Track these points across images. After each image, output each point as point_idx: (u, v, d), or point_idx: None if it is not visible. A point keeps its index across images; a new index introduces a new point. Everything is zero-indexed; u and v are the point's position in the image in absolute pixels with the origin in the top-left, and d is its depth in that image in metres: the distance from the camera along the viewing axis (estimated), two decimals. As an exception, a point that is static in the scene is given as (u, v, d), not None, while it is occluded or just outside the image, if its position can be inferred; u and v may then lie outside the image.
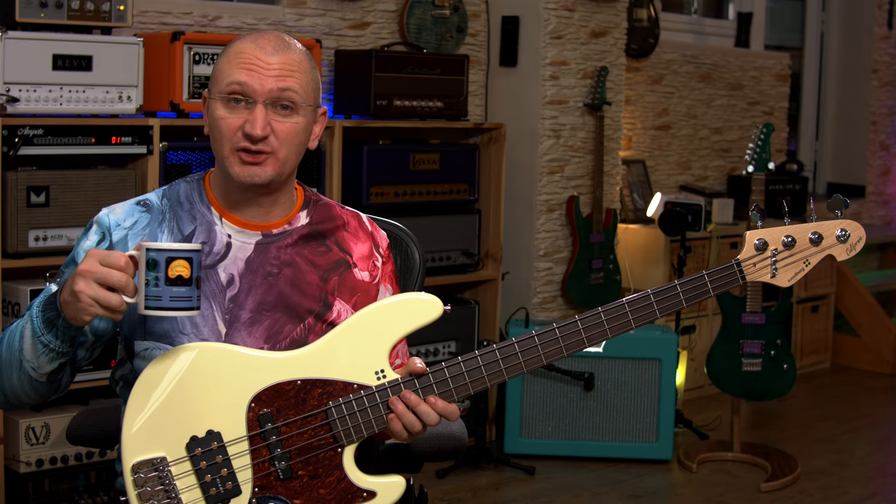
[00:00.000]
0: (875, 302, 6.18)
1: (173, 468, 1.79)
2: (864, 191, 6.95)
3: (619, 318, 1.89)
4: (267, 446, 1.82)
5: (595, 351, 4.37)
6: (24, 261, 3.22)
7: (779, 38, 6.85)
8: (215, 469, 1.80)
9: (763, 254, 1.94)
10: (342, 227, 2.03)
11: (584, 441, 4.40)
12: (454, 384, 1.85)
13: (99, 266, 1.69)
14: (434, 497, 3.95)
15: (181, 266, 1.68)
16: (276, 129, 1.89)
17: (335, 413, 1.82)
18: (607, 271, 4.86)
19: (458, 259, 4.36)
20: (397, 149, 4.16)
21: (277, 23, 4.15)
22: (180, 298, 1.69)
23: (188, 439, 1.80)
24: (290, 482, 1.82)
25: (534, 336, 1.88)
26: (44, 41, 3.23)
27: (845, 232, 1.97)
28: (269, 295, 1.93)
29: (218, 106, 1.90)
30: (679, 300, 1.91)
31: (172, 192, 1.99)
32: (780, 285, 1.95)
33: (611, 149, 4.95)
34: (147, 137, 3.42)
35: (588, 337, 1.89)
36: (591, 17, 4.84)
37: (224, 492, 1.80)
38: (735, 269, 1.93)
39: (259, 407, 1.82)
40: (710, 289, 1.92)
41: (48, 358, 1.82)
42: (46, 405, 3.30)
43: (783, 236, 1.96)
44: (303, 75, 1.92)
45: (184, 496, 1.79)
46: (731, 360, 4.34)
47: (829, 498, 4.14)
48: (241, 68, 1.88)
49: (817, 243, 1.96)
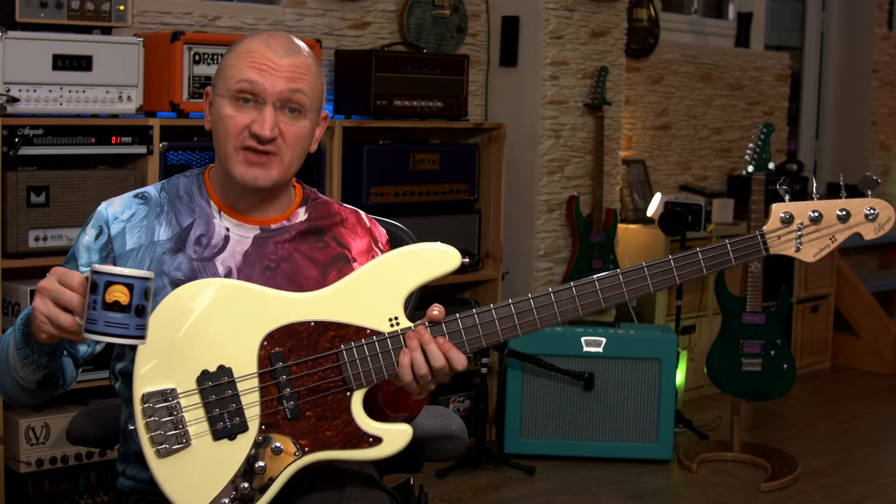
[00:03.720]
0: (875, 302, 6.18)
1: (182, 400, 1.80)
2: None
3: (637, 281, 1.88)
4: (276, 385, 1.82)
5: (595, 351, 4.37)
6: (24, 261, 3.22)
7: (779, 38, 6.85)
8: (224, 404, 1.80)
9: (789, 227, 1.93)
10: (340, 224, 2.03)
11: (584, 441, 4.40)
12: (467, 336, 1.84)
13: (55, 284, 1.68)
14: (434, 497, 3.95)
15: (119, 292, 1.63)
16: (284, 132, 1.90)
17: (346, 356, 1.83)
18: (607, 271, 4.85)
19: (458, 259, 4.35)
20: (397, 149, 4.16)
21: (277, 23, 4.15)
22: (115, 325, 1.64)
23: (199, 373, 1.80)
24: (297, 422, 1.82)
25: (550, 293, 1.86)
26: (44, 41, 3.23)
27: (874, 211, 1.94)
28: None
29: (225, 103, 1.90)
30: (700, 267, 1.89)
31: (171, 185, 1.99)
32: (805, 259, 1.94)
33: (611, 149, 4.95)
34: (147, 137, 3.42)
35: (605, 298, 1.88)
36: (591, 17, 4.84)
37: (231, 426, 1.80)
38: (759, 239, 1.91)
39: (271, 345, 1.82)
40: (732, 258, 1.90)
41: (31, 369, 1.83)
42: (46, 405, 3.30)
43: (810, 211, 1.93)
44: (312, 79, 1.92)
45: (191, 428, 1.79)
46: (731, 360, 4.34)
47: (829, 498, 4.14)
48: (252, 67, 1.88)
49: (845, 220, 1.94)
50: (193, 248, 1.93)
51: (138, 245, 1.93)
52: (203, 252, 1.93)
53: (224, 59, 1.93)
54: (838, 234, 1.94)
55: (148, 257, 1.92)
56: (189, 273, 1.91)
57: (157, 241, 1.93)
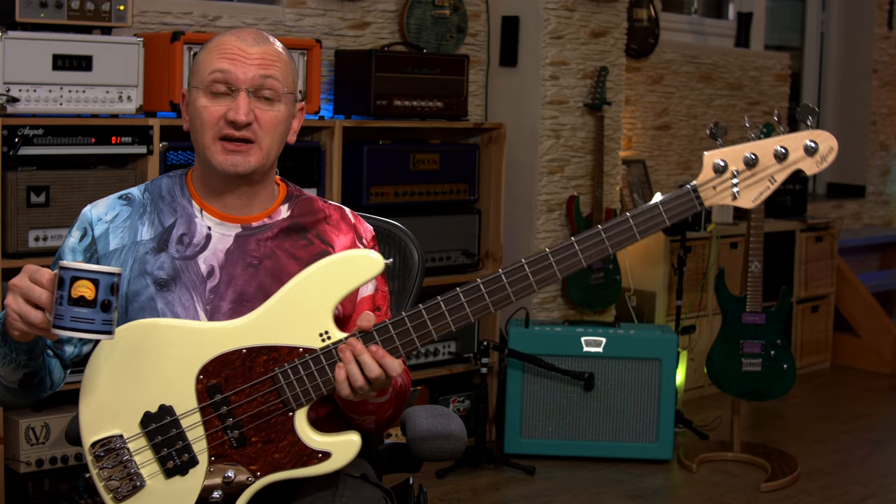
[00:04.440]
0: (875, 302, 6.17)
1: (130, 444, 1.84)
2: (864, 191, 6.95)
3: (568, 258, 1.81)
4: (218, 416, 1.84)
5: (595, 351, 4.37)
6: (24, 261, 3.21)
7: (779, 38, 6.85)
8: (171, 442, 1.83)
9: (722, 176, 1.81)
10: (323, 221, 2.04)
11: (584, 441, 4.40)
12: (400, 340, 1.83)
13: (26, 281, 1.70)
14: (434, 497, 3.95)
15: (84, 287, 1.65)
16: (260, 118, 1.92)
17: (282, 378, 1.83)
18: (607, 271, 4.86)
19: (458, 259, 4.36)
20: (397, 149, 4.16)
21: (277, 23, 4.15)
22: (81, 319, 1.65)
23: (142, 415, 1.83)
24: (245, 449, 1.84)
25: (479, 284, 1.84)
26: (44, 41, 3.23)
27: (814, 143, 1.81)
28: (250, 286, 1.94)
29: (199, 96, 1.93)
30: (633, 233, 1.81)
31: (154, 186, 2.01)
32: (744, 206, 1.83)
33: (611, 149, 4.95)
34: (147, 137, 3.42)
35: (538, 280, 1.84)
36: (591, 17, 4.84)
37: (181, 463, 1.83)
38: (691, 194, 1.82)
39: (207, 378, 1.84)
40: (666, 218, 1.82)
41: (10, 368, 1.84)
42: (46, 405, 3.30)
43: (745, 154, 1.81)
44: (283, 66, 1.95)
45: (143, 470, 1.83)
46: (731, 360, 4.34)
47: (829, 498, 4.14)
48: (223, 58, 1.92)
49: (783, 158, 1.81)
50: (176, 247, 1.94)
51: (121, 245, 1.95)
52: (185, 251, 1.94)
53: (197, 57, 1.97)
54: (777, 174, 1.81)
55: (131, 257, 1.94)
56: (172, 272, 1.92)
57: (139, 240, 1.95)
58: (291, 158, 3.79)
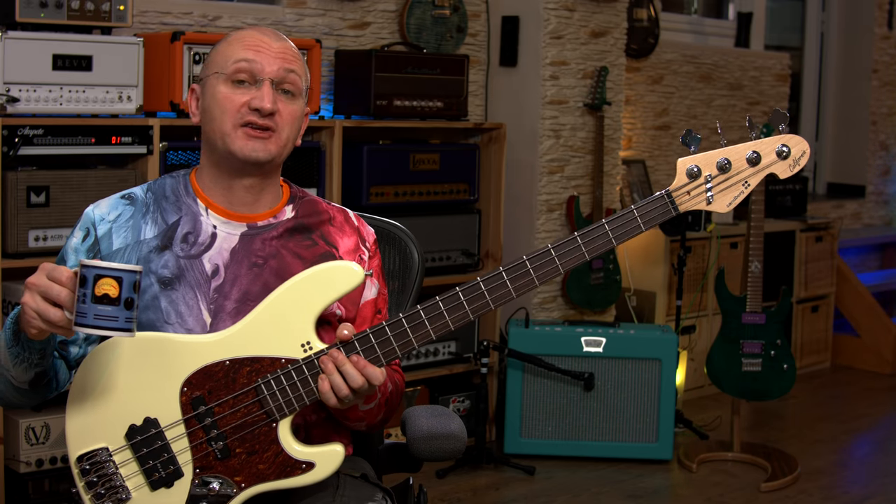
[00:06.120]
0: (875, 302, 6.17)
1: (116, 457, 1.85)
2: (864, 191, 6.95)
3: (546, 265, 1.84)
4: (203, 428, 1.85)
5: (595, 351, 4.37)
6: (24, 261, 3.22)
7: (779, 38, 6.86)
8: (156, 454, 1.85)
9: (696, 181, 1.84)
10: (328, 222, 2.04)
11: (584, 441, 4.40)
12: (381, 349, 1.84)
13: (44, 279, 1.70)
14: (434, 497, 3.95)
15: (108, 285, 1.66)
16: (281, 110, 1.94)
17: (265, 389, 1.84)
18: (607, 271, 4.86)
19: (458, 259, 4.36)
20: (397, 149, 4.16)
21: (277, 23, 4.16)
22: (105, 317, 1.66)
23: (127, 428, 1.85)
24: (229, 460, 1.85)
25: (458, 292, 1.84)
26: (44, 41, 3.23)
27: (786, 148, 1.82)
28: (255, 285, 1.94)
29: (220, 84, 1.93)
30: (608, 239, 1.84)
31: (157, 186, 2.01)
32: (719, 211, 1.85)
33: (611, 149, 4.95)
34: (147, 137, 3.42)
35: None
36: (591, 17, 4.84)
37: (166, 475, 1.84)
38: (665, 199, 1.85)
39: (191, 390, 1.85)
40: (641, 224, 1.84)
41: (22, 368, 1.84)
42: (46, 405, 3.30)
43: (718, 160, 1.84)
44: (301, 66, 1.98)
45: (128, 483, 1.85)
46: (731, 360, 4.34)
47: (829, 498, 4.14)
48: (248, 48, 1.93)
49: (756, 163, 1.83)
50: (180, 245, 1.94)
51: (125, 245, 1.95)
52: (190, 250, 1.94)
53: (215, 50, 1.97)
54: (751, 178, 1.83)
55: (135, 256, 1.94)
56: (176, 271, 1.92)
57: (143, 239, 1.95)
58: (292, 158, 3.74)
